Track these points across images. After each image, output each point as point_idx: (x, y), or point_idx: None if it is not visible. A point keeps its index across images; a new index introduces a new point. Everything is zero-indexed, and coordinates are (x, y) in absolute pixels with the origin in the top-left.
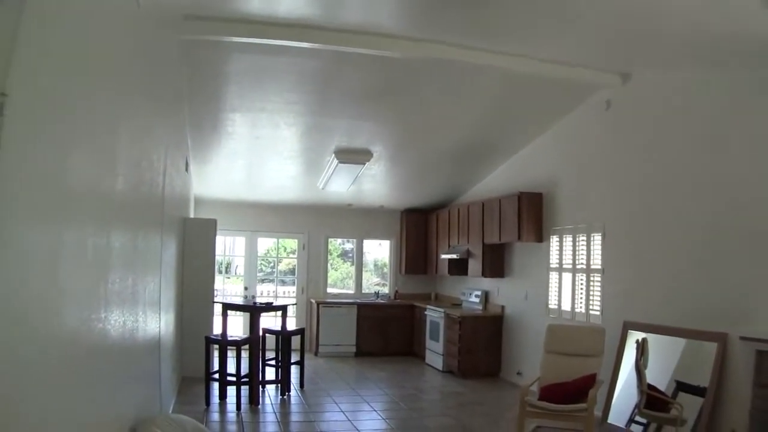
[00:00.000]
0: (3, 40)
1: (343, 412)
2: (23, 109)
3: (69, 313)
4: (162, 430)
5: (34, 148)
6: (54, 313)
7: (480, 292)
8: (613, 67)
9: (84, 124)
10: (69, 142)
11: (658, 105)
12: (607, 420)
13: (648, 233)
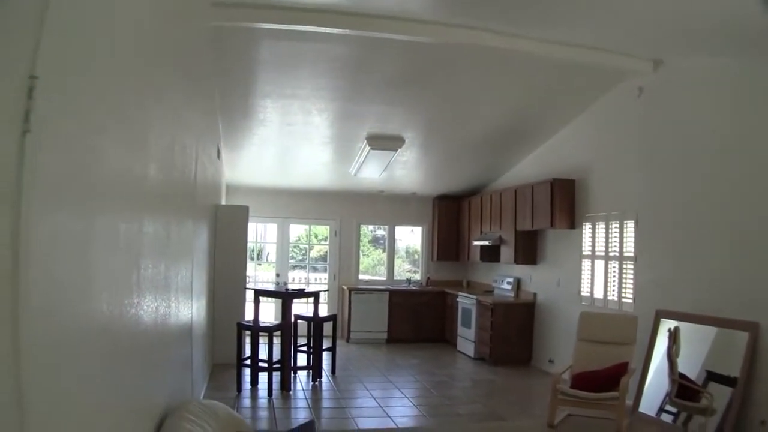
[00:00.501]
0: (32, 21)
1: (374, 398)
2: (53, 92)
3: (100, 300)
4: (194, 415)
5: (65, 132)
6: (85, 300)
7: (512, 279)
8: (645, 53)
9: (115, 108)
10: (100, 126)
11: (691, 92)
12: (639, 409)
13: (681, 221)
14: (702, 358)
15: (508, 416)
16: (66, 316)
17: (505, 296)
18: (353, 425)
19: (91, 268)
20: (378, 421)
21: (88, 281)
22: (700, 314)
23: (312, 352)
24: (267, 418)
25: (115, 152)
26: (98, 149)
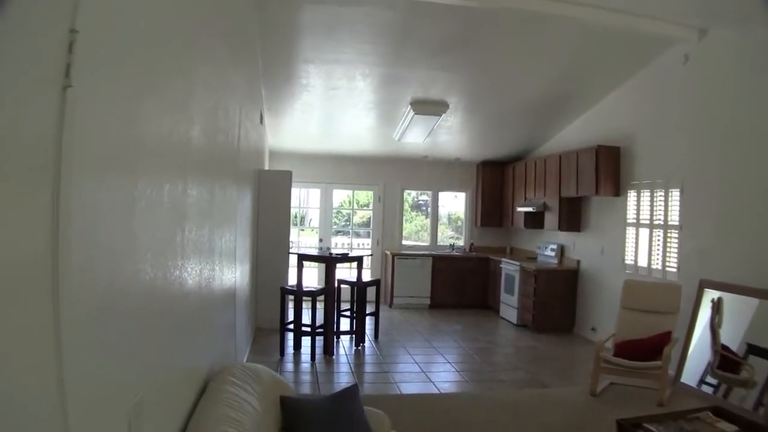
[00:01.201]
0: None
1: (417, 363)
2: (94, 49)
3: (144, 263)
4: (237, 378)
5: (106, 90)
6: (128, 264)
7: (555, 246)
8: (690, 22)
9: (158, 67)
10: (143, 85)
11: (737, 61)
12: (680, 379)
13: (727, 191)
14: (743, 330)
15: (551, 383)
16: (107, 281)
17: (549, 263)
18: (396, 390)
19: (135, 231)
20: (420, 386)
21: (132, 245)
22: (744, 285)
23: (355, 316)
24: (310, 382)
25: (159, 113)
26: (141, 109)
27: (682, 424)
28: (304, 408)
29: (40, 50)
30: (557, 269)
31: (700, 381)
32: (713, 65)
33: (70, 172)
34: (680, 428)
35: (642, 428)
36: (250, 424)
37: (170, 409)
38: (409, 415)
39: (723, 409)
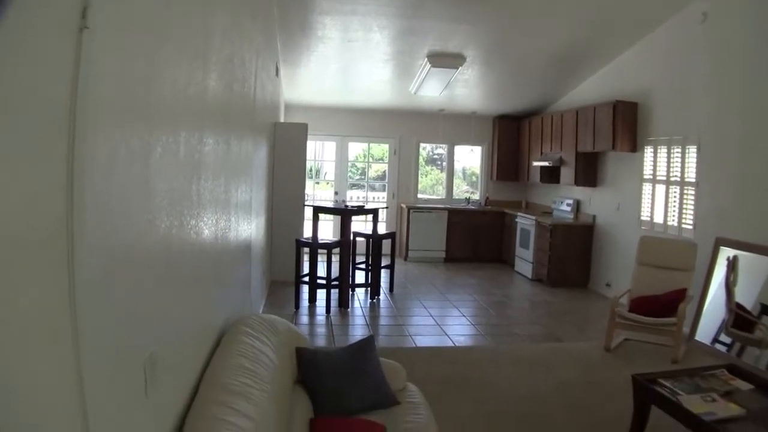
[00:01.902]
0: None
1: (432, 316)
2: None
3: (160, 216)
4: (252, 329)
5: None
6: (143, 216)
7: (571, 201)
8: None
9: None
10: (161, 28)
11: (756, 19)
12: (695, 337)
13: (745, 149)
14: (757, 290)
15: (566, 338)
16: (123, 233)
17: (564, 218)
18: (411, 343)
19: (150, 182)
20: (435, 339)
21: (147, 196)
22: (760, 244)
23: (370, 269)
24: (325, 334)
25: (176, 59)
26: (158, 54)
27: (697, 381)
28: (320, 359)
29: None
30: (573, 224)
31: (714, 339)
32: (731, 23)
33: (85, 122)
34: (696, 385)
35: (657, 384)
36: (266, 374)
37: (186, 360)
38: (424, 368)
39: (738, 367)
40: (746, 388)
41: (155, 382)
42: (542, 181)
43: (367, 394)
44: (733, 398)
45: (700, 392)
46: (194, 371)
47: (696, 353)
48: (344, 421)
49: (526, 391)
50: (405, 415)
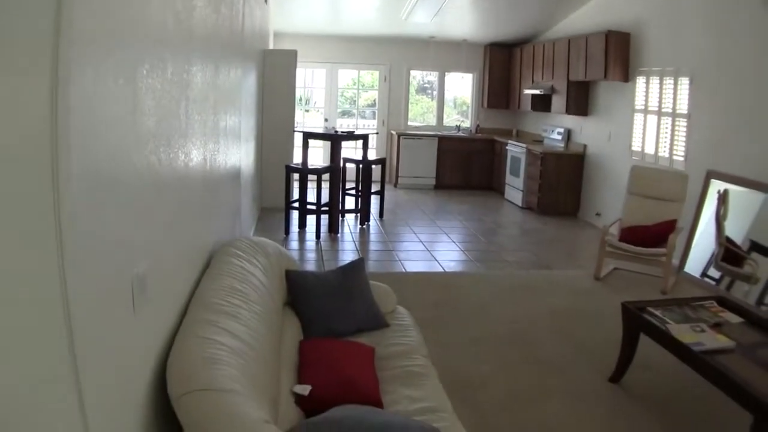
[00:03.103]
0: None
1: (421, 242)
2: None
3: (147, 146)
4: (242, 251)
5: None
6: (132, 146)
7: (562, 129)
8: None
9: None
10: None
11: None
12: (684, 269)
13: (738, 82)
14: (747, 226)
15: (555, 265)
16: (110, 167)
17: (555, 147)
18: (401, 268)
19: (137, 115)
20: (425, 264)
21: (135, 130)
22: (752, 179)
23: (360, 195)
24: (315, 259)
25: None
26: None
27: (686, 311)
28: (310, 281)
29: None
30: (564, 153)
31: (703, 273)
32: None
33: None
34: (685, 315)
35: (646, 312)
36: (256, 296)
37: (175, 281)
38: (414, 292)
39: (728, 300)
40: (735, 321)
41: (143, 301)
42: (533, 110)
43: (356, 317)
44: (722, 330)
45: (690, 322)
46: (183, 292)
47: (685, 285)
48: (334, 342)
49: (515, 316)
50: (394, 337)
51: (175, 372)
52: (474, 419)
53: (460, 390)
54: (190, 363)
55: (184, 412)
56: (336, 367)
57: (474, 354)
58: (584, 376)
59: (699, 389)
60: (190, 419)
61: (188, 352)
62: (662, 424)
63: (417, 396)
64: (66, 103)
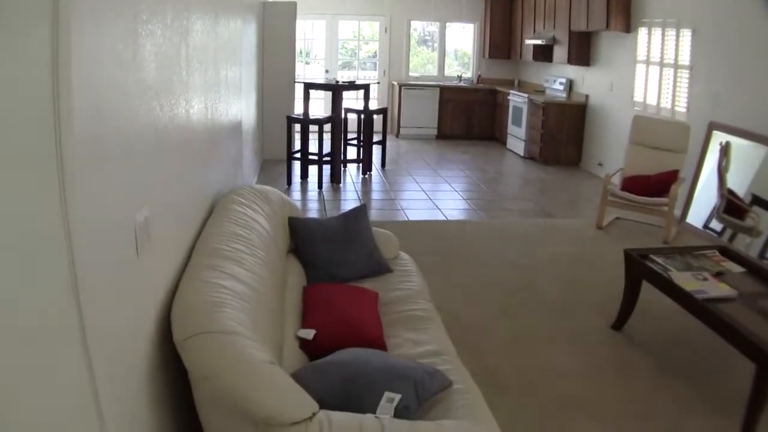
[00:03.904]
0: None
1: (423, 191)
2: None
3: (149, 99)
4: (244, 199)
5: None
6: (133, 93)
7: (564, 79)
8: None
9: None
10: None
11: None
12: (686, 220)
13: (741, 34)
14: (749, 180)
15: (557, 215)
16: (111, 114)
17: (557, 97)
18: (403, 217)
19: (137, 60)
20: (428, 213)
21: (136, 77)
22: (754, 131)
23: (362, 145)
24: (317, 209)
25: None
26: None
27: (688, 260)
28: (312, 228)
29: None
30: (565, 103)
31: (705, 225)
32: None
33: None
34: (687, 263)
35: (649, 259)
36: (259, 242)
37: (178, 227)
38: (417, 240)
39: (729, 250)
40: (737, 271)
41: (147, 247)
42: (535, 60)
43: (359, 262)
44: (724, 279)
45: (692, 270)
46: (187, 238)
47: (687, 236)
48: (337, 287)
49: (518, 264)
50: (397, 282)
51: (179, 316)
52: (477, 363)
53: (463, 335)
54: (194, 307)
55: (189, 355)
56: (340, 311)
57: (477, 300)
58: (586, 322)
59: (701, 338)
60: (194, 362)
61: (192, 297)
62: (663, 370)
63: (420, 339)
64: (67, 48)
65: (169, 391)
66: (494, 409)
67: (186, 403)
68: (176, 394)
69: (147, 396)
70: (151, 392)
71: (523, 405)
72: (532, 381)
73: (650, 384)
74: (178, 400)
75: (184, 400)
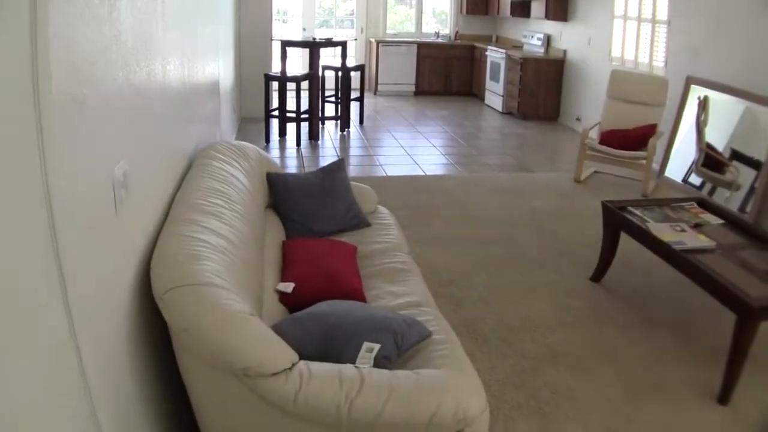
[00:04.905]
0: None
1: (402, 147)
2: None
3: (125, 47)
4: (221, 154)
5: None
6: (111, 48)
7: (542, 35)
8: None
9: None
10: None
11: None
12: (665, 173)
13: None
14: (727, 135)
15: (536, 169)
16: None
17: (535, 52)
18: (382, 172)
19: (114, 14)
20: (406, 168)
21: (113, 31)
22: (732, 86)
23: (340, 102)
24: (296, 166)
25: None
26: None
27: (666, 211)
28: (291, 183)
29: None
30: (543, 58)
31: (684, 179)
32: None
33: None
34: (665, 215)
35: (627, 211)
36: (237, 196)
37: (156, 182)
38: (396, 195)
39: (708, 202)
40: (716, 222)
41: (125, 201)
42: (513, 15)
43: (338, 216)
44: (702, 230)
45: (670, 222)
46: (165, 194)
47: (666, 189)
48: (316, 241)
49: (497, 217)
50: (376, 236)
51: (158, 270)
52: (457, 315)
53: (443, 287)
54: (173, 261)
55: (168, 308)
56: (319, 264)
57: (457, 253)
58: (565, 274)
59: (680, 290)
60: (174, 315)
61: (171, 251)
62: (643, 322)
63: (400, 291)
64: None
65: (151, 346)
66: (474, 359)
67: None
68: (158, 349)
69: (129, 352)
70: (133, 348)
71: (504, 355)
72: (512, 332)
73: (630, 336)
74: (160, 356)
75: (166, 356)
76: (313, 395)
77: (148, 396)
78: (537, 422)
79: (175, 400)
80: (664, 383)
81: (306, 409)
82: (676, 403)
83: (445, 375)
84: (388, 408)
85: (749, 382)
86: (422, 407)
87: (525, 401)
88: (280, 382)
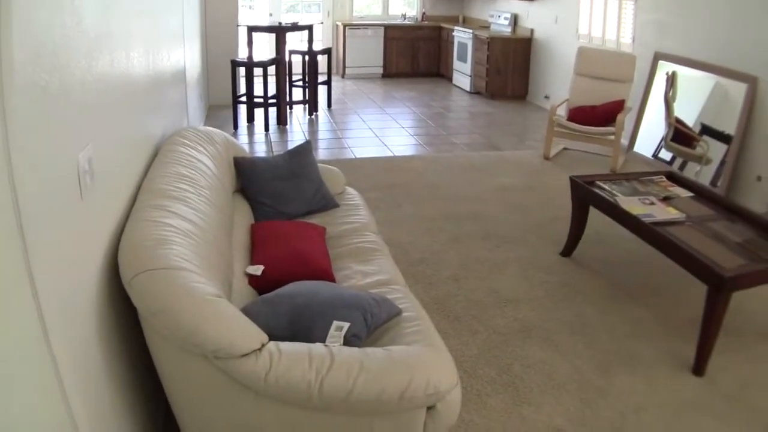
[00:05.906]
0: None
1: (371, 129)
2: None
3: (88, 43)
4: (187, 140)
5: None
6: (73, 44)
7: (509, 14)
8: None
9: None
10: None
11: None
12: (634, 149)
13: None
14: (697, 110)
15: (505, 147)
16: (52, 54)
17: (502, 32)
18: (350, 155)
19: (79, 13)
20: (375, 149)
21: (79, 27)
22: (700, 60)
23: (307, 86)
24: (264, 151)
25: None
26: None
27: (635, 185)
28: (258, 166)
29: None
30: (511, 38)
31: (654, 155)
32: None
33: None
34: (633, 188)
35: (595, 186)
36: (204, 181)
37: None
38: (365, 176)
39: (677, 175)
40: (685, 195)
41: (91, 186)
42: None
43: (306, 198)
44: (672, 203)
45: (639, 195)
46: (132, 180)
47: (635, 164)
48: (284, 224)
49: (467, 195)
50: (344, 216)
51: (126, 255)
52: (427, 293)
53: (413, 266)
54: (140, 245)
55: (137, 293)
56: (287, 246)
57: (426, 231)
58: (535, 249)
59: (652, 263)
60: (142, 299)
61: (138, 236)
62: (613, 294)
63: (369, 270)
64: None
65: (121, 332)
66: (446, 337)
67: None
68: (128, 335)
69: (99, 338)
70: (102, 334)
71: (475, 331)
72: (483, 308)
73: (601, 309)
74: (130, 342)
75: (136, 342)
76: (283, 374)
77: (122, 382)
78: (510, 396)
79: (151, 384)
80: (637, 355)
81: (277, 388)
82: (650, 375)
83: (415, 351)
84: (359, 384)
85: (724, 353)
86: (393, 383)
87: (498, 376)
88: (250, 362)
